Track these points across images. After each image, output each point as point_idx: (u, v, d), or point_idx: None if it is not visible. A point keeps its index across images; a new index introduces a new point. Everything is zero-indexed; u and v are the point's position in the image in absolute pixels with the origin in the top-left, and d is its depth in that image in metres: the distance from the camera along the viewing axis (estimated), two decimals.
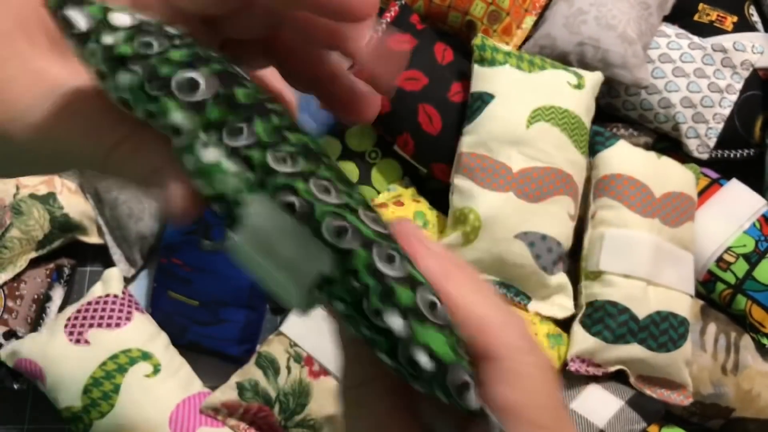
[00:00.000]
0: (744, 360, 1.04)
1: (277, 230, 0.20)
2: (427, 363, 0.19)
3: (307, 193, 0.20)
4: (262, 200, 0.20)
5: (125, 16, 0.21)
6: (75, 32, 0.20)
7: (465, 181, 1.03)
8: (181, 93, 0.20)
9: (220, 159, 0.20)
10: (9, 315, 1.04)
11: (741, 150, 1.19)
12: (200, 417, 0.97)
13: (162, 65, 0.20)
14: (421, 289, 0.20)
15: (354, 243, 0.19)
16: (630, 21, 1.14)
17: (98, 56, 0.20)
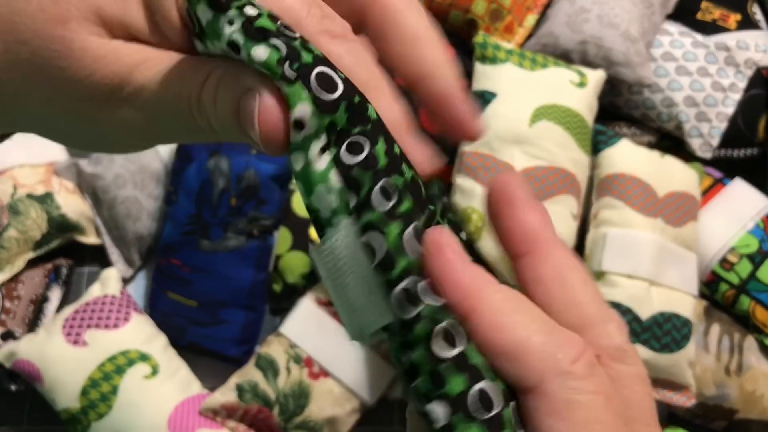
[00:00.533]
0: (747, 361, 1.04)
1: (353, 267, 0.18)
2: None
3: (395, 243, 0.18)
4: (351, 231, 0.18)
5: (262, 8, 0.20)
6: (215, 3, 0.19)
7: (467, 181, 1.02)
8: (319, 86, 0.19)
9: (331, 170, 0.19)
10: (6, 316, 1.04)
11: (744, 149, 1.18)
12: (199, 418, 0.96)
13: (304, 51, 0.19)
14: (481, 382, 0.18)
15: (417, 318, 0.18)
16: (632, 19, 1.13)
17: (237, 25, 0.19)
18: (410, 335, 0.18)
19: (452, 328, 0.18)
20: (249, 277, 1.04)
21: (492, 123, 1.03)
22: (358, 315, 0.19)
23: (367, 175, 0.18)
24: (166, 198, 1.11)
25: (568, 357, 0.18)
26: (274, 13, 0.20)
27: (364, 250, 0.18)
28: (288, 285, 1.05)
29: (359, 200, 0.18)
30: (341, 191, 0.19)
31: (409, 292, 0.18)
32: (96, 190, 1.12)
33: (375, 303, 0.18)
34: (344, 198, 0.18)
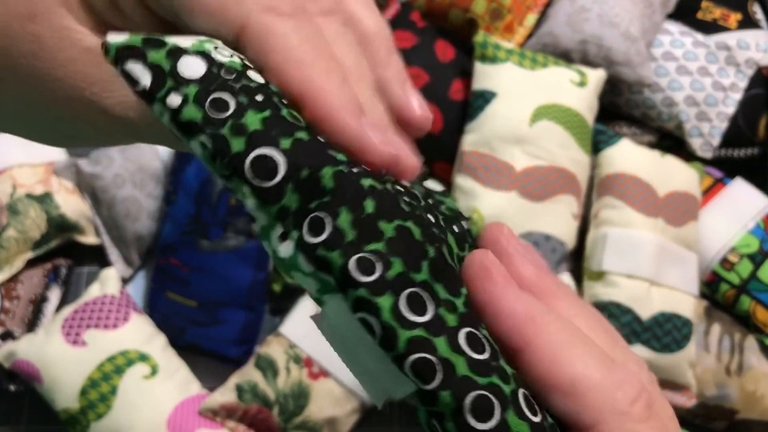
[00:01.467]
0: (748, 361, 1.03)
1: (358, 341, 0.17)
2: None
3: (392, 315, 0.16)
4: (342, 308, 0.17)
5: (198, 62, 0.17)
6: (138, 90, 0.17)
7: (467, 181, 1.02)
8: (256, 176, 0.17)
9: (297, 257, 0.17)
10: (5, 316, 1.04)
11: (745, 149, 1.18)
12: (199, 419, 0.96)
13: (234, 138, 0.17)
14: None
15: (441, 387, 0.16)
16: (633, 19, 1.13)
17: (167, 118, 0.17)
18: (436, 407, 0.16)
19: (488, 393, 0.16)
20: (248, 277, 1.04)
21: (492, 122, 1.03)
22: (379, 381, 0.17)
23: (335, 253, 0.16)
24: (165, 198, 1.11)
25: (627, 397, 0.17)
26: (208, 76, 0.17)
27: (362, 326, 0.17)
28: (288, 285, 1.05)
29: (337, 279, 0.16)
30: (315, 274, 0.17)
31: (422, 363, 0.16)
32: (95, 190, 1.12)
33: (390, 374, 0.17)
34: (319, 278, 0.17)
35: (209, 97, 0.17)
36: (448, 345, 0.16)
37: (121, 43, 0.17)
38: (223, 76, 0.17)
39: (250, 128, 0.17)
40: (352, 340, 0.17)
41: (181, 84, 0.17)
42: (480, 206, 1.00)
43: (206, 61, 0.17)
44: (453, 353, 0.16)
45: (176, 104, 0.17)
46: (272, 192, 0.17)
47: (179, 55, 0.17)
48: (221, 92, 0.17)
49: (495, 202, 1.00)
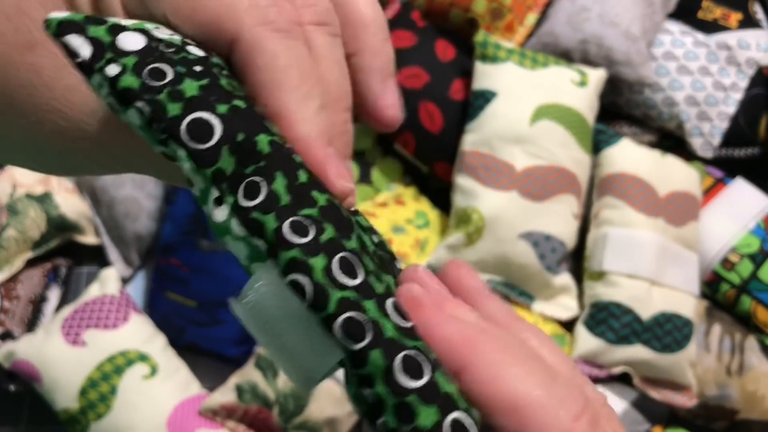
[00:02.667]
0: (749, 361, 1.03)
1: (283, 312, 0.17)
2: None
3: (323, 275, 0.16)
4: (270, 275, 0.17)
5: (137, 37, 0.18)
6: (77, 62, 0.17)
7: (468, 180, 1.02)
8: (191, 138, 0.17)
9: (231, 220, 0.17)
10: (5, 316, 1.04)
11: (746, 149, 1.18)
12: (199, 419, 0.96)
13: (171, 103, 0.17)
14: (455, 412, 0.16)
15: (371, 346, 0.16)
16: (634, 18, 1.13)
17: (105, 89, 0.17)
18: (366, 368, 0.16)
19: (416, 354, 0.17)
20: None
21: (492, 122, 1.03)
22: (301, 361, 0.17)
23: (269, 216, 0.17)
24: (165, 198, 1.10)
25: (570, 413, 0.17)
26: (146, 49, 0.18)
27: (292, 291, 0.16)
28: None
29: (269, 242, 0.17)
30: (246, 238, 0.17)
31: (352, 322, 0.16)
32: (95, 190, 1.12)
33: (318, 343, 0.17)
34: (253, 244, 0.17)
35: (147, 67, 0.17)
36: (377, 308, 0.17)
37: (62, 17, 0.18)
38: (161, 49, 0.18)
39: (186, 94, 0.17)
40: (278, 312, 0.17)
41: (119, 55, 0.17)
42: (480, 206, 1.00)
43: (146, 36, 0.18)
44: (382, 317, 0.17)
45: (114, 73, 0.17)
46: (208, 154, 0.17)
47: (119, 30, 0.18)
48: (159, 63, 0.18)
49: (495, 202, 1.00)
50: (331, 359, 0.17)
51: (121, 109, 0.17)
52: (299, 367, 0.17)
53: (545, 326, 1.02)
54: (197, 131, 0.17)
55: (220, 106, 0.17)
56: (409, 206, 1.08)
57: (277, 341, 0.17)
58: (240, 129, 0.17)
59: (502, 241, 1.00)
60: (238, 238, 0.17)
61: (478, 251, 1.01)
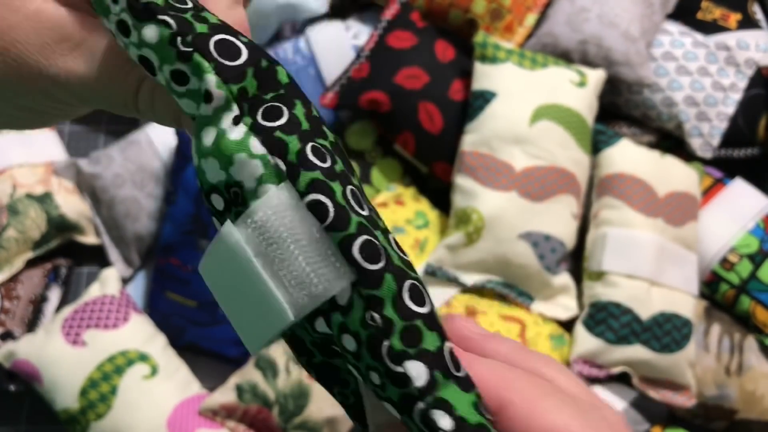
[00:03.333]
0: (748, 361, 1.03)
1: (295, 232, 0.17)
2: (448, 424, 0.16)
3: (344, 200, 0.17)
4: (287, 197, 0.17)
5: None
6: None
7: (467, 181, 1.02)
8: (220, 54, 0.17)
9: (249, 138, 0.17)
10: (5, 316, 1.04)
11: (745, 149, 1.18)
12: (198, 419, 0.96)
13: (198, 23, 0.17)
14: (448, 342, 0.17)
15: (385, 269, 0.17)
16: (633, 19, 1.13)
17: (122, 3, 0.17)
18: (379, 290, 0.17)
19: (419, 284, 0.17)
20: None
21: (492, 122, 1.03)
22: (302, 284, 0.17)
23: (292, 137, 0.17)
24: (165, 198, 1.11)
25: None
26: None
27: (310, 211, 0.17)
28: None
29: (291, 162, 0.17)
30: (265, 157, 0.17)
31: (371, 244, 0.17)
32: (95, 190, 1.12)
33: (326, 268, 0.17)
34: (270, 163, 0.17)
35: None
36: (385, 238, 0.17)
37: None
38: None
39: (210, 20, 0.18)
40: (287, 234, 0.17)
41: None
42: (480, 206, 1.00)
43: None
44: (389, 247, 0.17)
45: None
46: (235, 71, 0.17)
47: None
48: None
49: (495, 203, 1.00)
50: (337, 283, 0.17)
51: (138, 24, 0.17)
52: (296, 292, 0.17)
53: (545, 326, 1.02)
54: (226, 49, 0.17)
55: (242, 37, 0.18)
56: (409, 206, 1.09)
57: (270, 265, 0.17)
58: (262, 57, 0.18)
59: (502, 241, 1.00)
60: (253, 156, 0.17)
61: (477, 251, 1.01)
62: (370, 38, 1.12)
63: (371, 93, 1.07)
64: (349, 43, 1.18)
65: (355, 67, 1.10)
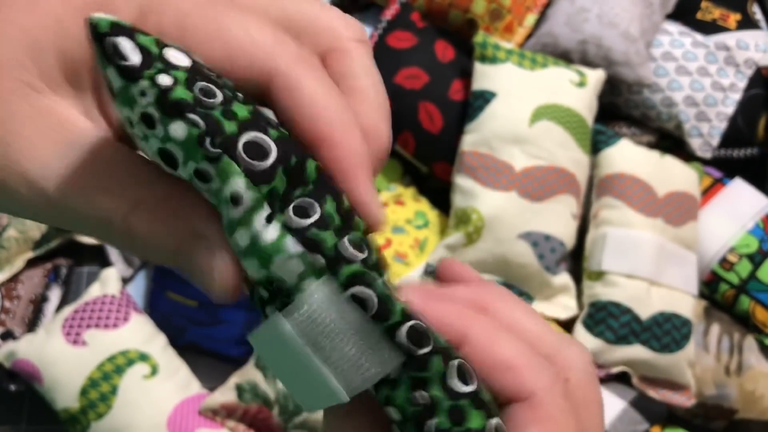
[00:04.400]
0: (747, 361, 1.04)
1: (342, 323, 0.18)
2: None
3: (384, 289, 0.18)
4: (329, 291, 0.17)
5: (183, 55, 0.18)
6: (124, 65, 0.17)
7: (467, 181, 1.02)
8: (249, 156, 0.17)
9: (284, 238, 0.17)
10: (6, 315, 1.04)
11: (744, 149, 1.18)
12: (199, 418, 0.96)
13: (227, 120, 0.17)
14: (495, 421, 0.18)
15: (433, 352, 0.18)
16: (632, 19, 1.13)
17: (150, 98, 0.17)
18: (426, 372, 0.18)
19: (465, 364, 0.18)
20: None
21: (492, 123, 1.03)
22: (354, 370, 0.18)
23: (327, 233, 0.18)
24: None
25: (551, 374, 0.20)
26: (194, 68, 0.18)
27: (351, 303, 0.17)
28: None
29: (329, 257, 0.17)
30: (303, 255, 0.17)
31: (417, 330, 0.18)
32: None
33: (374, 353, 0.18)
34: (309, 260, 0.17)
35: (198, 83, 0.18)
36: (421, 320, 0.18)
37: (111, 19, 0.17)
38: (206, 71, 0.18)
39: (239, 115, 0.18)
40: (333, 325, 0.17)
41: (170, 67, 0.18)
42: (480, 206, 1.00)
43: (189, 56, 0.18)
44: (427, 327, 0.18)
45: (167, 83, 0.17)
46: (265, 173, 0.17)
47: (165, 45, 0.18)
48: (208, 82, 0.18)
49: (495, 202, 1.00)
50: (388, 366, 0.18)
51: (165, 120, 0.17)
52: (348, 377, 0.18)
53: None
54: (255, 150, 0.17)
55: (271, 131, 0.18)
56: (409, 206, 1.09)
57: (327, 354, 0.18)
58: (292, 153, 0.18)
59: (502, 241, 1.00)
60: (291, 255, 0.17)
61: (477, 251, 1.01)
62: (370, 38, 1.12)
63: None
64: None
65: None
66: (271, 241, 0.17)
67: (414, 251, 1.04)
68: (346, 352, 0.18)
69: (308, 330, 0.18)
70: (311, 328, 0.18)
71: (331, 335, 0.18)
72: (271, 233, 0.17)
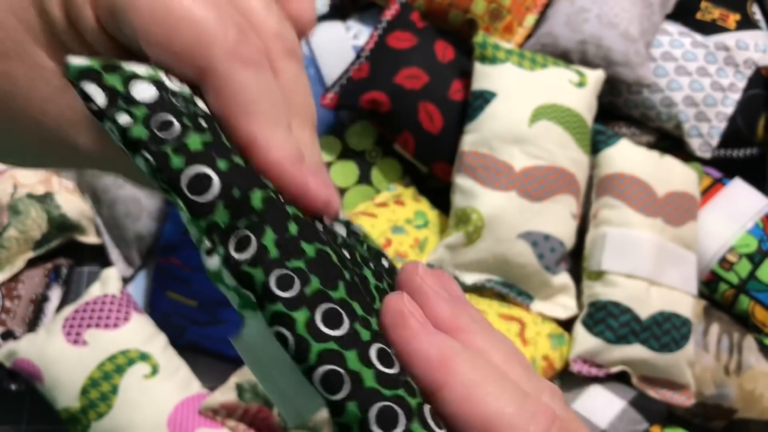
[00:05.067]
0: (747, 361, 1.04)
1: (271, 358, 0.18)
2: None
3: (306, 329, 0.17)
4: (259, 324, 0.18)
5: (149, 87, 0.19)
6: (92, 108, 0.18)
7: (467, 181, 1.02)
8: (190, 191, 0.18)
9: (222, 271, 0.18)
10: (6, 315, 1.04)
11: (744, 149, 1.18)
12: (199, 418, 0.96)
13: (175, 155, 0.18)
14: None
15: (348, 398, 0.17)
16: (632, 19, 1.13)
17: (115, 135, 0.18)
18: (343, 418, 0.17)
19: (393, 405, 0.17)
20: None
21: (491, 123, 1.03)
22: (291, 402, 0.18)
23: (257, 270, 0.17)
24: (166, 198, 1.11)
25: (539, 429, 0.17)
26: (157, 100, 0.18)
27: (278, 341, 0.17)
28: None
29: (257, 295, 0.17)
30: (238, 289, 0.18)
31: (332, 373, 0.17)
32: (96, 190, 1.12)
33: (305, 388, 0.17)
34: (242, 294, 0.18)
35: (155, 118, 0.18)
36: (358, 358, 0.17)
37: (80, 65, 0.18)
38: (171, 101, 0.19)
39: (190, 148, 0.18)
40: (267, 358, 0.18)
41: (131, 105, 0.18)
42: (479, 206, 1.00)
43: (157, 87, 0.19)
44: (362, 366, 0.17)
45: (125, 123, 0.18)
46: (204, 207, 0.18)
47: (133, 80, 0.19)
48: (168, 114, 0.18)
49: (494, 202, 1.00)
50: (316, 405, 0.18)
51: (131, 155, 0.18)
52: (289, 407, 0.18)
53: (544, 326, 1.02)
54: (196, 185, 0.18)
55: (221, 162, 0.18)
56: (409, 206, 1.09)
57: (269, 380, 0.18)
58: (236, 184, 0.18)
59: (501, 240, 1.00)
60: (229, 287, 0.18)
61: (477, 251, 1.01)
62: (370, 38, 1.12)
63: (371, 93, 1.07)
64: (349, 43, 1.18)
65: (355, 68, 1.11)
66: (213, 271, 0.18)
67: (414, 251, 1.04)
68: (283, 382, 0.18)
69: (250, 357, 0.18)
70: (252, 356, 0.18)
71: (268, 365, 0.18)
72: (212, 264, 0.18)
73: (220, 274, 0.18)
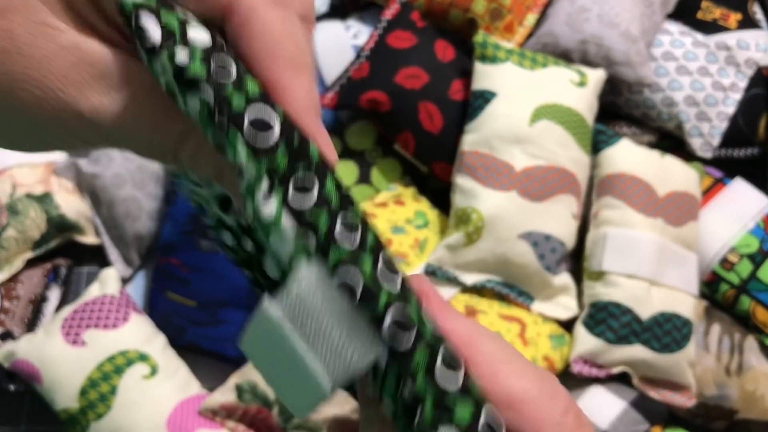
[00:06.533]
0: (748, 361, 1.03)
1: (328, 308, 0.17)
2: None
3: (372, 280, 0.17)
4: (319, 273, 0.17)
5: (205, 33, 0.19)
6: (147, 45, 0.18)
7: (467, 181, 1.02)
8: (253, 132, 0.18)
9: (281, 216, 0.18)
10: (5, 315, 1.04)
11: (745, 149, 1.18)
12: (198, 419, 0.96)
13: (236, 95, 0.18)
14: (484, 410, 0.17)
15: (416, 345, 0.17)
16: (633, 19, 1.13)
17: (168, 73, 0.18)
18: (410, 365, 0.17)
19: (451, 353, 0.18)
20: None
21: (492, 122, 1.03)
22: (336, 357, 0.18)
23: (322, 213, 0.17)
24: (165, 197, 1.10)
25: (560, 407, 0.18)
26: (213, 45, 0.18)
27: (339, 289, 0.17)
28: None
29: (321, 240, 0.17)
30: (296, 234, 0.18)
31: (400, 324, 0.17)
32: (95, 190, 1.12)
33: (360, 339, 0.17)
34: (301, 240, 0.17)
35: (213, 60, 0.18)
36: (416, 310, 0.18)
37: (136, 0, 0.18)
38: (223, 45, 0.19)
39: (249, 92, 0.18)
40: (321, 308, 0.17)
41: (188, 45, 0.18)
42: (480, 206, 1.00)
43: (209, 33, 0.19)
44: (419, 317, 0.18)
45: (183, 60, 0.18)
46: (266, 149, 0.18)
47: (188, 22, 0.19)
48: (224, 56, 0.18)
49: (495, 202, 1.00)
50: (371, 355, 0.17)
51: (182, 93, 0.18)
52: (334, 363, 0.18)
53: (545, 326, 1.02)
54: (260, 126, 0.18)
55: (278, 109, 0.18)
56: (409, 206, 1.09)
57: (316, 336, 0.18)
58: (295, 130, 0.18)
59: (502, 241, 1.00)
60: (285, 232, 0.18)
61: (477, 251, 1.01)
62: (370, 38, 1.12)
63: (371, 93, 1.07)
64: (349, 43, 1.18)
65: (355, 67, 1.10)
66: (269, 216, 0.18)
67: (414, 251, 1.04)
68: (332, 337, 0.17)
69: (296, 313, 0.18)
70: (299, 310, 0.18)
71: (318, 319, 0.17)
72: (269, 208, 0.18)
73: (278, 218, 0.18)
